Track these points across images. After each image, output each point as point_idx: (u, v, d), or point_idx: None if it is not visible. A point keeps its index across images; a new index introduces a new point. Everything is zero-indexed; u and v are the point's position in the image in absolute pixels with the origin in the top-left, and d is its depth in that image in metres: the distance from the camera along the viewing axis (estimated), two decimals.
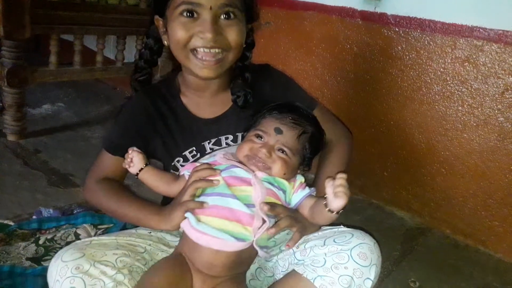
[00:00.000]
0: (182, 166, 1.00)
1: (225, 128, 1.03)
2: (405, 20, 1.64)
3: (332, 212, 0.83)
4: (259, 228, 0.83)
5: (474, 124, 1.54)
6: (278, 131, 0.91)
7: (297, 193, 0.92)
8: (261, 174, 0.89)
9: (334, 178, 0.82)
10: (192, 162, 1.00)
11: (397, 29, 1.66)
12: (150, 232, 0.96)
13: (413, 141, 1.68)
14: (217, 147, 1.02)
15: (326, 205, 0.83)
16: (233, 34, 0.92)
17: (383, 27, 1.69)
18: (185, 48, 0.91)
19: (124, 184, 1.05)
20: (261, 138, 0.92)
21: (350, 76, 1.82)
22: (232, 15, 0.91)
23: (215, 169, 0.89)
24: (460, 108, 1.56)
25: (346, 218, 1.66)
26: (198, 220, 0.84)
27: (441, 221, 1.65)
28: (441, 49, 1.57)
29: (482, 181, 1.54)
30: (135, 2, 2.26)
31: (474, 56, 1.51)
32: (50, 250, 1.22)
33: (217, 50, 0.91)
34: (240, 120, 1.02)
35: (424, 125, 1.65)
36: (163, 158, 1.04)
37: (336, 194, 0.81)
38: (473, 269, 1.45)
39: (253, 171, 0.89)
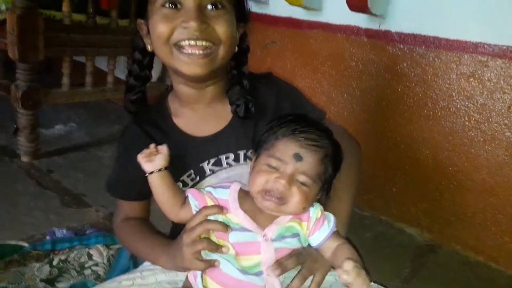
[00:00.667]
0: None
1: (225, 146, 0.92)
2: (409, 37, 1.66)
3: None
4: None
5: (481, 140, 1.54)
6: (298, 157, 0.78)
7: (313, 236, 0.83)
8: (271, 234, 0.79)
9: (346, 265, 0.74)
10: (194, 183, 0.93)
11: (402, 46, 1.68)
12: (157, 273, 0.91)
13: (420, 157, 1.69)
14: (218, 168, 0.93)
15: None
16: (222, 25, 0.81)
17: (388, 44, 1.71)
18: (167, 43, 0.81)
19: (146, 222, 1.02)
20: (277, 166, 0.79)
21: (356, 93, 1.84)
22: (219, 5, 0.82)
23: (226, 225, 0.79)
24: (467, 123, 1.57)
25: (356, 235, 1.66)
26: (205, 285, 0.80)
27: (451, 237, 1.64)
28: (446, 65, 1.59)
29: (491, 196, 1.53)
30: None
31: (479, 72, 1.52)
32: (63, 271, 1.24)
33: (204, 43, 0.80)
34: (241, 136, 0.92)
35: (431, 141, 1.65)
36: None
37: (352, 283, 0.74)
38: (484, 286, 1.44)
39: (263, 229, 0.79)
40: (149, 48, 0.88)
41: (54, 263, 1.27)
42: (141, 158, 0.82)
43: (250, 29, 0.99)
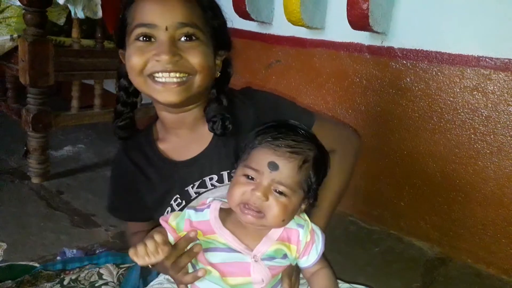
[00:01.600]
0: None
1: (207, 168, 0.92)
2: (412, 53, 1.69)
3: None
4: None
5: (488, 152, 1.54)
6: (273, 166, 0.74)
7: (302, 259, 0.83)
8: (260, 254, 0.77)
9: None
10: (180, 208, 0.93)
11: (404, 62, 1.71)
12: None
13: (427, 170, 1.69)
14: (203, 190, 0.92)
15: None
16: (195, 56, 0.81)
17: (391, 60, 1.74)
18: (141, 74, 0.83)
19: None
20: (253, 176, 0.76)
21: (361, 108, 1.86)
22: (193, 37, 0.82)
23: (197, 245, 0.78)
24: (472, 136, 1.58)
25: (365, 250, 1.66)
26: None
27: (462, 250, 1.63)
28: (449, 79, 1.61)
29: (500, 208, 1.53)
30: None
31: (483, 85, 1.53)
32: None
33: (178, 75, 0.81)
34: (223, 156, 0.92)
35: (438, 154, 1.66)
36: (156, 213, 0.96)
37: None
38: None
39: (251, 250, 0.77)
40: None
41: (65, 282, 1.28)
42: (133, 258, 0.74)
43: (255, 48, 0.99)
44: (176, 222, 0.81)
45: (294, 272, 0.86)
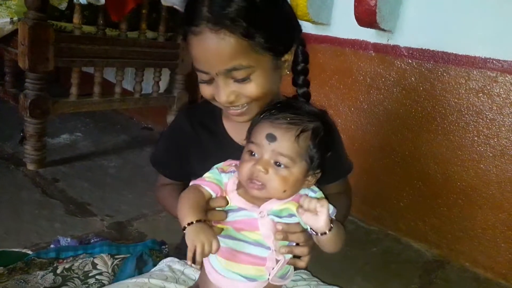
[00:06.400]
0: None
1: None
2: (418, 52, 1.67)
3: (320, 233, 0.78)
4: (274, 268, 0.80)
5: (491, 155, 1.53)
6: (271, 137, 0.76)
7: None
8: (266, 211, 0.80)
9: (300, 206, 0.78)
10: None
11: (410, 61, 1.69)
12: (167, 278, 0.92)
13: (428, 172, 1.67)
14: None
15: (313, 232, 0.79)
16: (251, 91, 0.83)
17: (396, 59, 1.72)
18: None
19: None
20: (255, 151, 0.78)
21: (364, 106, 1.84)
22: (245, 78, 0.82)
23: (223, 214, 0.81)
24: (476, 138, 1.56)
25: (363, 250, 1.65)
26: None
27: (460, 253, 1.62)
28: (455, 80, 1.59)
29: (501, 212, 1.51)
30: (154, 36, 2.33)
31: (489, 87, 1.52)
32: (67, 280, 1.22)
33: (240, 107, 0.86)
34: None
35: (440, 156, 1.64)
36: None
37: (311, 214, 0.76)
38: None
39: (258, 207, 0.80)
40: None
41: (58, 271, 1.25)
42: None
43: None
44: (216, 179, 0.83)
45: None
